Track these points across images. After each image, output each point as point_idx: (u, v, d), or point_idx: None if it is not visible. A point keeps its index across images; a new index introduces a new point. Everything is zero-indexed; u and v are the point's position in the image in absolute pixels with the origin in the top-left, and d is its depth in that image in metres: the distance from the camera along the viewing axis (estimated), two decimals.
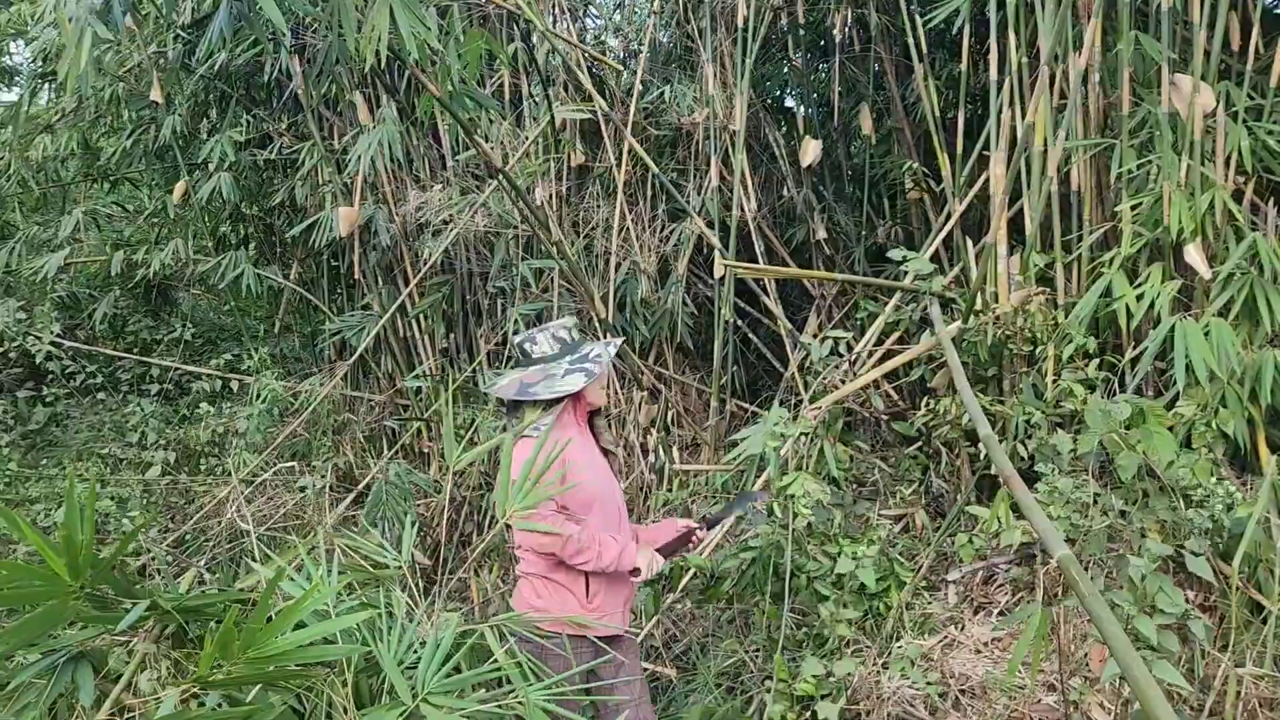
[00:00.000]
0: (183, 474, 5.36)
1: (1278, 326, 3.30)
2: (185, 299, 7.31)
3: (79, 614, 1.84)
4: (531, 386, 2.86)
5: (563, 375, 2.87)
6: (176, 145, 5.60)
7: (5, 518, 1.66)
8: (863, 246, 5.73)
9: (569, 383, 2.85)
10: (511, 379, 2.94)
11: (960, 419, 3.82)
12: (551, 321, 3.04)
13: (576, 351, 2.94)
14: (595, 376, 2.88)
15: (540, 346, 2.93)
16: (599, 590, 2.88)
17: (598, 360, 2.90)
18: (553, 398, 2.84)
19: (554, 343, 2.93)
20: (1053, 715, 3.03)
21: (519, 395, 2.86)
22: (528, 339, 2.96)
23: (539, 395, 2.84)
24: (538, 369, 2.91)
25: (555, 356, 2.92)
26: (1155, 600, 2.62)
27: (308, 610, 1.92)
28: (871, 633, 3.50)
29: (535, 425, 2.84)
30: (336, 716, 2.19)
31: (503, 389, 2.92)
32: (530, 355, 2.95)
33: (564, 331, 2.96)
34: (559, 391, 2.83)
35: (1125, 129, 3.73)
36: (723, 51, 5.44)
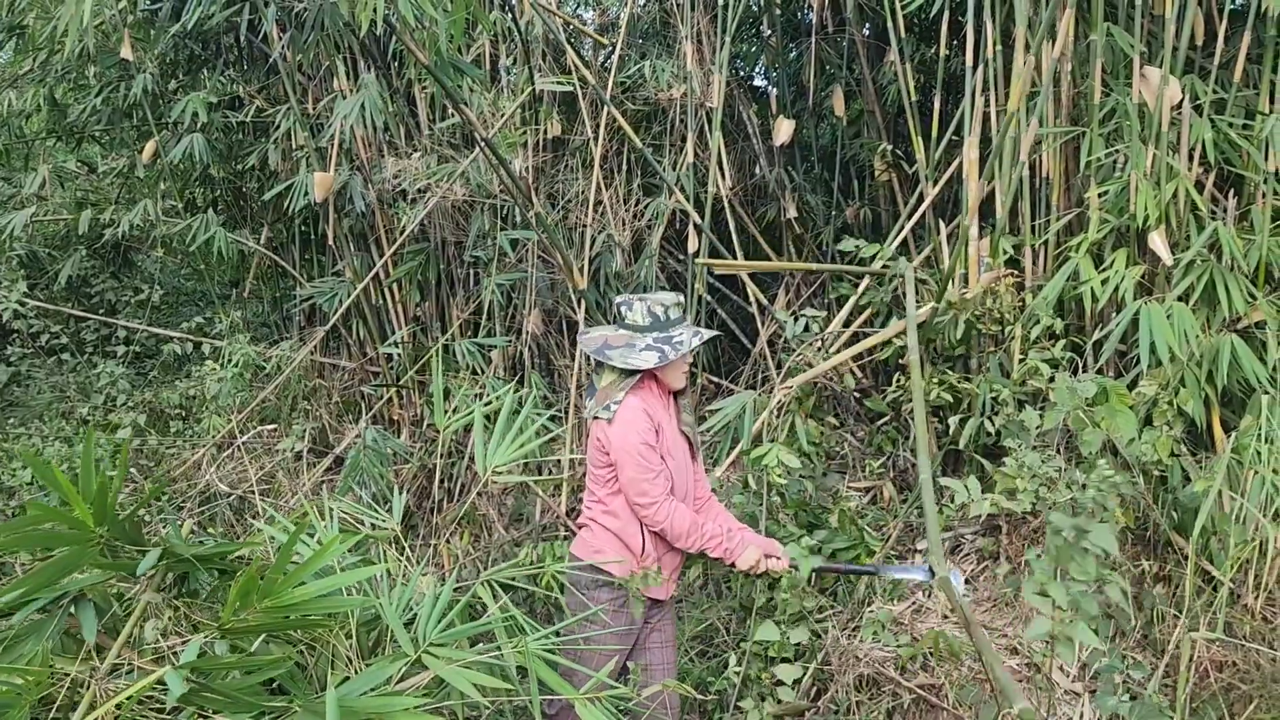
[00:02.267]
0: (152, 436, 5.33)
1: (1235, 311, 3.46)
2: (149, 261, 7.22)
3: (95, 561, 1.88)
4: (611, 350, 2.92)
5: (641, 349, 2.91)
6: (146, 104, 5.53)
7: (36, 467, 1.69)
8: (832, 227, 5.84)
9: (643, 358, 2.89)
10: (599, 334, 3.00)
11: (929, 395, 3.94)
12: (655, 293, 3.06)
13: (665, 330, 2.97)
14: (669, 360, 2.91)
15: (634, 314, 2.97)
16: (652, 552, 2.97)
17: (679, 345, 2.93)
18: (626, 368, 2.90)
19: (648, 315, 2.96)
20: (1016, 677, 3.17)
21: (596, 354, 2.94)
22: (625, 303, 2.99)
23: (612, 360, 2.91)
24: (624, 334, 2.96)
25: (644, 328, 2.96)
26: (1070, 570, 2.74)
27: (320, 565, 1.98)
28: (843, 599, 3.62)
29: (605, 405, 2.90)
30: (339, 667, 2.25)
31: (588, 341, 2.98)
32: (623, 318, 2.99)
33: (660, 307, 2.97)
34: (631, 364, 2.89)
35: (1095, 118, 3.86)
36: (700, 29, 5.49)
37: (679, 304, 3.01)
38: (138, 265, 7.27)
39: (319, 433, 5.48)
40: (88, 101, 5.79)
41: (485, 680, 2.13)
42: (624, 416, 2.87)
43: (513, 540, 4.74)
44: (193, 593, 2.25)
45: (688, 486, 3.06)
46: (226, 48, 5.75)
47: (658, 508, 2.84)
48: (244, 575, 1.85)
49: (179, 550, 1.97)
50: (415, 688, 2.16)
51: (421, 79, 5.23)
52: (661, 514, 2.85)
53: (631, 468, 2.84)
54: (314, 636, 2.21)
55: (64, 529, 1.81)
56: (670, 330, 2.97)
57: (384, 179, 5.18)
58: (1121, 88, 3.91)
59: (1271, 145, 3.57)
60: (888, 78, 5.40)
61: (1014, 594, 3.38)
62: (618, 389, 2.91)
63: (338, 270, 5.67)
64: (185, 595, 2.24)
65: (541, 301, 5.41)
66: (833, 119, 5.82)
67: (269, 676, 2.05)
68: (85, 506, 1.85)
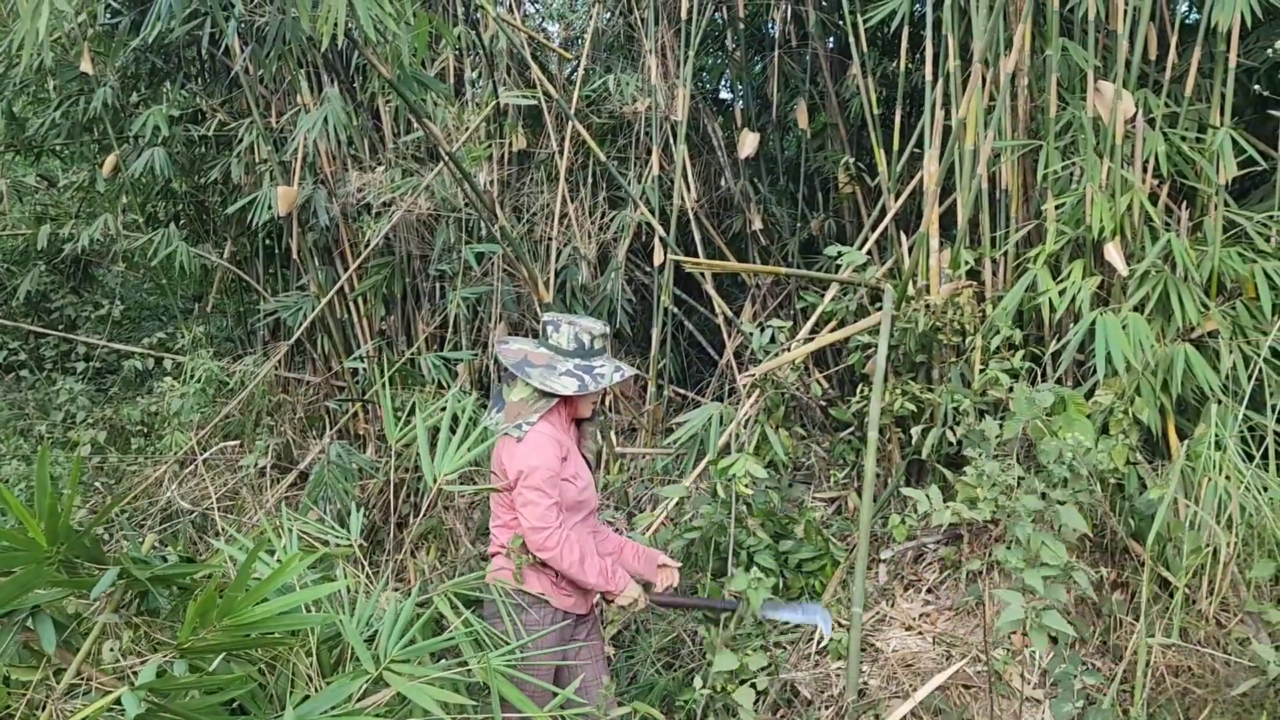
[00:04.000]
0: (112, 453, 5.27)
1: (1189, 321, 3.52)
2: (110, 276, 7.14)
3: (52, 579, 1.86)
4: (531, 368, 2.90)
5: (560, 373, 2.90)
6: (106, 118, 5.48)
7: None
8: (797, 238, 5.88)
9: (562, 383, 2.88)
10: (520, 348, 2.97)
11: (893, 405, 3.97)
12: (582, 318, 3.05)
13: (587, 358, 2.96)
14: (588, 391, 2.90)
15: (560, 336, 2.96)
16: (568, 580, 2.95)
17: (599, 378, 2.92)
18: (543, 389, 2.88)
19: (574, 340, 2.95)
20: (976, 684, 3.20)
21: (515, 368, 2.91)
22: (553, 323, 2.98)
23: (530, 379, 2.88)
24: (545, 354, 2.95)
25: (567, 353, 2.95)
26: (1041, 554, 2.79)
27: (279, 583, 1.97)
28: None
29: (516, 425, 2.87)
30: (300, 685, 2.24)
31: (507, 353, 2.96)
32: (547, 338, 2.98)
33: (587, 335, 2.97)
34: (549, 387, 2.87)
35: (1051, 131, 3.92)
36: (664, 42, 5.53)
37: (605, 335, 3.02)
38: (98, 280, 7.19)
39: (283, 448, 5.44)
40: (47, 115, 5.73)
41: (448, 697, 2.12)
42: (535, 440, 2.84)
43: (479, 554, 4.73)
44: (153, 611, 2.23)
45: (594, 503, 3.08)
46: (188, 61, 5.72)
47: (549, 534, 2.80)
48: (203, 594, 1.84)
49: (137, 571, 1.95)
50: (376, 705, 2.15)
51: (385, 93, 5.22)
52: (553, 541, 2.81)
53: (531, 492, 2.81)
54: (274, 655, 2.19)
55: (15, 548, 1.79)
56: (592, 359, 2.96)
57: (348, 193, 5.16)
58: (1077, 101, 3.97)
59: (1222, 158, 3.64)
60: (851, 91, 5.46)
61: (976, 601, 3.41)
62: (531, 409, 2.88)
63: (302, 284, 5.64)
64: (145, 613, 2.22)
65: (507, 315, 5.40)
66: (797, 132, 5.87)
67: (229, 697, 2.03)
68: (38, 526, 1.83)
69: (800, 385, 4.48)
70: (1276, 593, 3.11)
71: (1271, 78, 4.01)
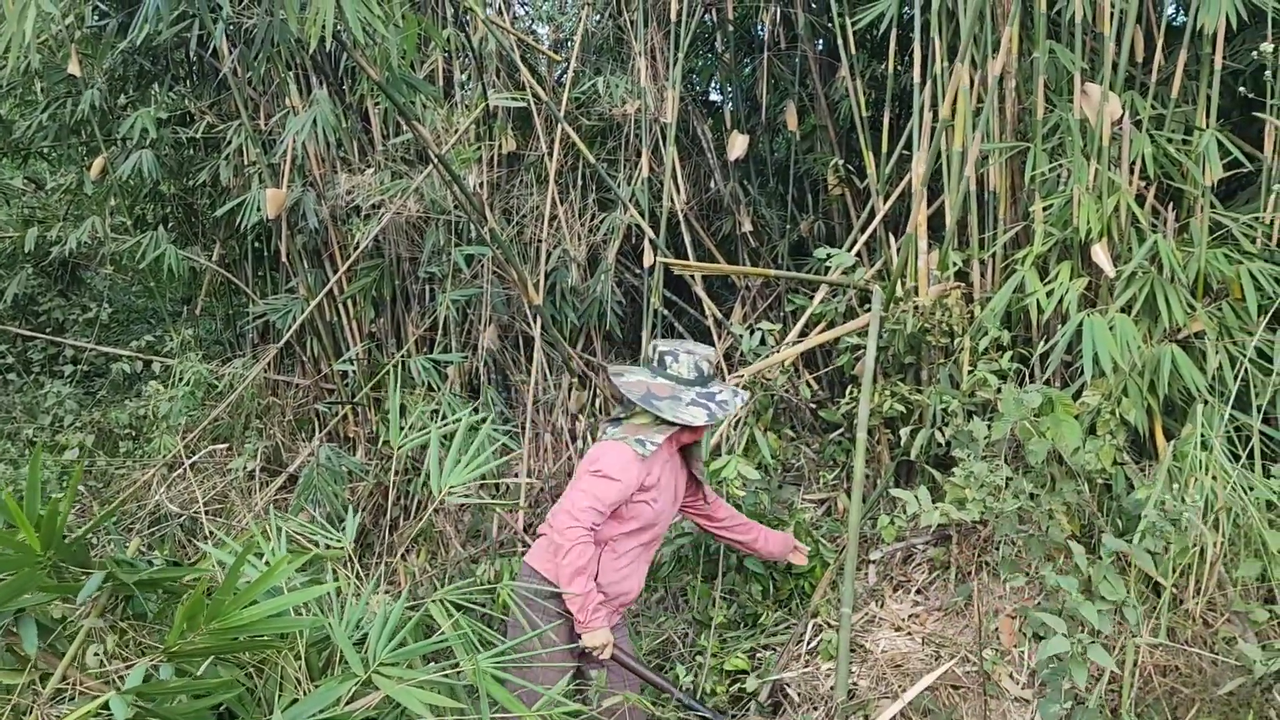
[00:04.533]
0: (100, 457, 5.25)
1: (1175, 322, 3.54)
2: (98, 279, 7.12)
3: (42, 584, 1.85)
4: (657, 400, 2.95)
5: (687, 403, 2.96)
6: (94, 120, 5.47)
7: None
8: (787, 240, 5.89)
9: (691, 414, 2.94)
10: (639, 380, 3.01)
11: (881, 407, 3.98)
12: (697, 345, 3.11)
13: (706, 386, 3.03)
14: (716, 420, 2.97)
15: (680, 365, 3.02)
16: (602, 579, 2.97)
17: (724, 405, 3.00)
18: (674, 421, 2.94)
19: (694, 369, 3.02)
20: (965, 685, 3.21)
21: (643, 402, 2.95)
22: (671, 353, 3.03)
23: (662, 412, 2.93)
24: (668, 384, 3.00)
25: (688, 382, 3.01)
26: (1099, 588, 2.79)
27: (268, 586, 1.96)
28: (797, 611, 3.65)
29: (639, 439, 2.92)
30: (288, 688, 2.23)
31: (629, 387, 2.99)
32: (665, 368, 3.03)
33: (705, 363, 3.04)
34: (680, 419, 2.92)
35: (1039, 133, 3.93)
36: (654, 45, 5.53)
37: (717, 361, 3.12)
38: (86, 283, 7.16)
39: (272, 451, 5.43)
40: (34, 117, 5.71)
41: (437, 700, 2.12)
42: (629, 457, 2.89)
43: (470, 557, 4.72)
44: (140, 615, 2.22)
45: (664, 529, 3.13)
46: (177, 63, 5.70)
47: (576, 530, 2.81)
48: (191, 597, 1.84)
49: (123, 575, 1.95)
50: (365, 708, 2.14)
51: (374, 95, 5.22)
52: (573, 536, 2.81)
53: (593, 484, 2.85)
54: (262, 658, 2.19)
55: (9, 552, 1.79)
56: (710, 386, 3.04)
57: (337, 195, 5.15)
58: (1064, 103, 3.99)
59: (1208, 159, 3.66)
60: (840, 93, 5.48)
61: (964, 603, 3.42)
62: (655, 430, 2.95)
63: (291, 287, 5.63)
64: (131, 617, 2.21)
65: (497, 317, 5.40)
66: (787, 134, 5.88)
67: (217, 701, 2.03)
68: (32, 530, 1.83)
69: (790, 387, 4.48)
70: (1263, 592, 3.12)
71: (1257, 80, 4.03)
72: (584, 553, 2.83)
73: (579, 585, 2.83)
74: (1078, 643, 2.61)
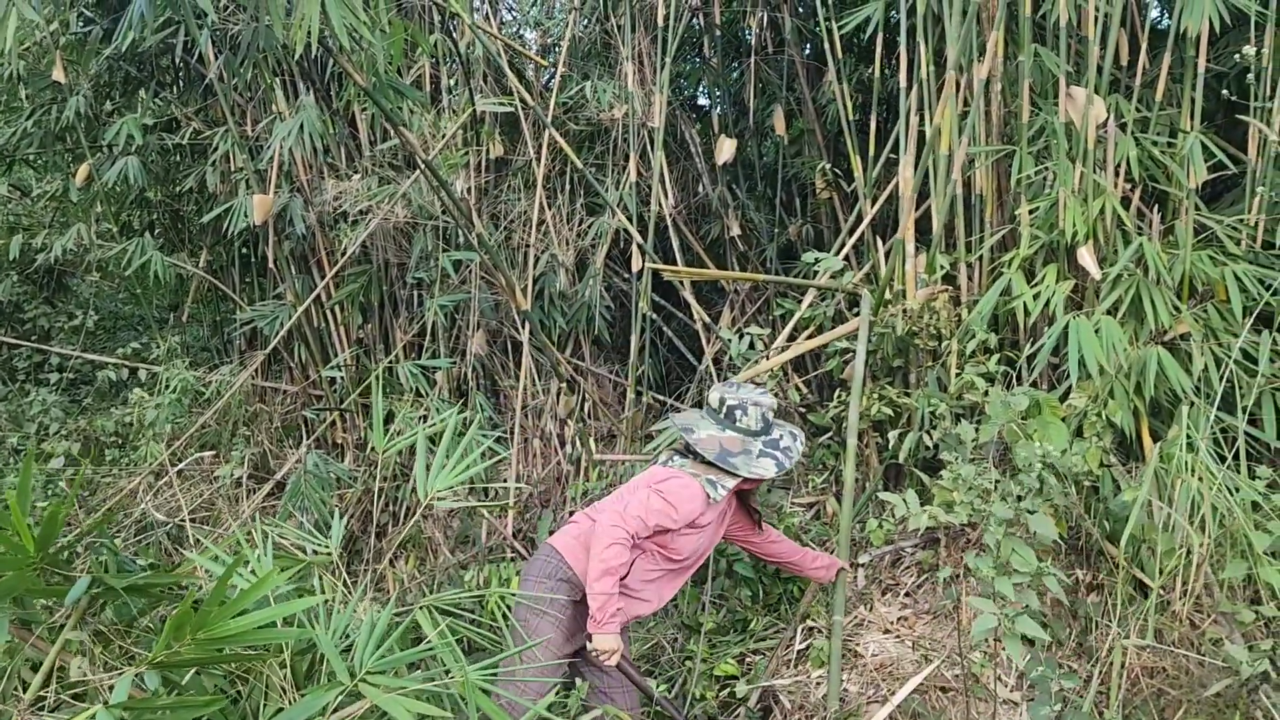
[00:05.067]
0: (86, 465, 5.21)
1: (1161, 324, 3.55)
2: (83, 286, 7.08)
3: (31, 585, 1.84)
4: (731, 457, 3.00)
5: (757, 455, 3.03)
6: (80, 127, 5.44)
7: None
8: (775, 244, 5.90)
9: (763, 466, 3.02)
10: (710, 435, 3.04)
11: (870, 410, 3.99)
12: (759, 394, 3.15)
13: (769, 433, 3.10)
14: (784, 470, 3.05)
15: (749, 418, 3.07)
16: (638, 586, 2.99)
17: (788, 453, 3.08)
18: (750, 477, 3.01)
19: (760, 420, 3.09)
20: (953, 687, 3.21)
21: (719, 461, 2.99)
22: (740, 406, 3.07)
23: (738, 470, 2.98)
24: (738, 439, 3.05)
25: (755, 433, 3.07)
26: (1010, 560, 2.81)
27: (254, 598, 1.95)
28: (786, 616, 3.64)
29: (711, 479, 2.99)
30: (273, 697, 2.22)
31: (703, 445, 3.01)
32: (735, 422, 3.07)
33: (771, 412, 3.12)
34: (756, 474, 3.00)
35: (1024, 136, 3.95)
36: (641, 49, 5.53)
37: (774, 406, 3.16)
38: (72, 290, 7.12)
39: (260, 458, 5.41)
40: (19, 124, 5.68)
41: (424, 708, 2.11)
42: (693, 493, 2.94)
43: (459, 563, 4.71)
44: (125, 623, 2.21)
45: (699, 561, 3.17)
46: (162, 69, 5.68)
47: (618, 531, 2.82)
48: (179, 608, 1.82)
49: (109, 580, 1.94)
50: (351, 717, 2.13)
51: (361, 100, 5.20)
52: (613, 536, 2.82)
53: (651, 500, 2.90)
54: (246, 668, 2.18)
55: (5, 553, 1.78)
56: (772, 432, 3.11)
57: (324, 201, 5.14)
58: (1049, 107, 4.00)
59: (1192, 162, 3.68)
60: (827, 97, 5.49)
61: (953, 605, 3.42)
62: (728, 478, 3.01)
63: (279, 293, 5.61)
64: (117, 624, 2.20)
65: (485, 322, 5.39)
66: (775, 138, 5.89)
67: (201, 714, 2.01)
68: (29, 533, 1.82)
69: (779, 391, 4.48)
70: (1249, 593, 3.13)
71: (1240, 82, 4.05)
72: (619, 555, 2.83)
73: (605, 585, 2.82)
74: (1005, 617, 2.64)
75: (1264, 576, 2.95)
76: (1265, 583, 2.96)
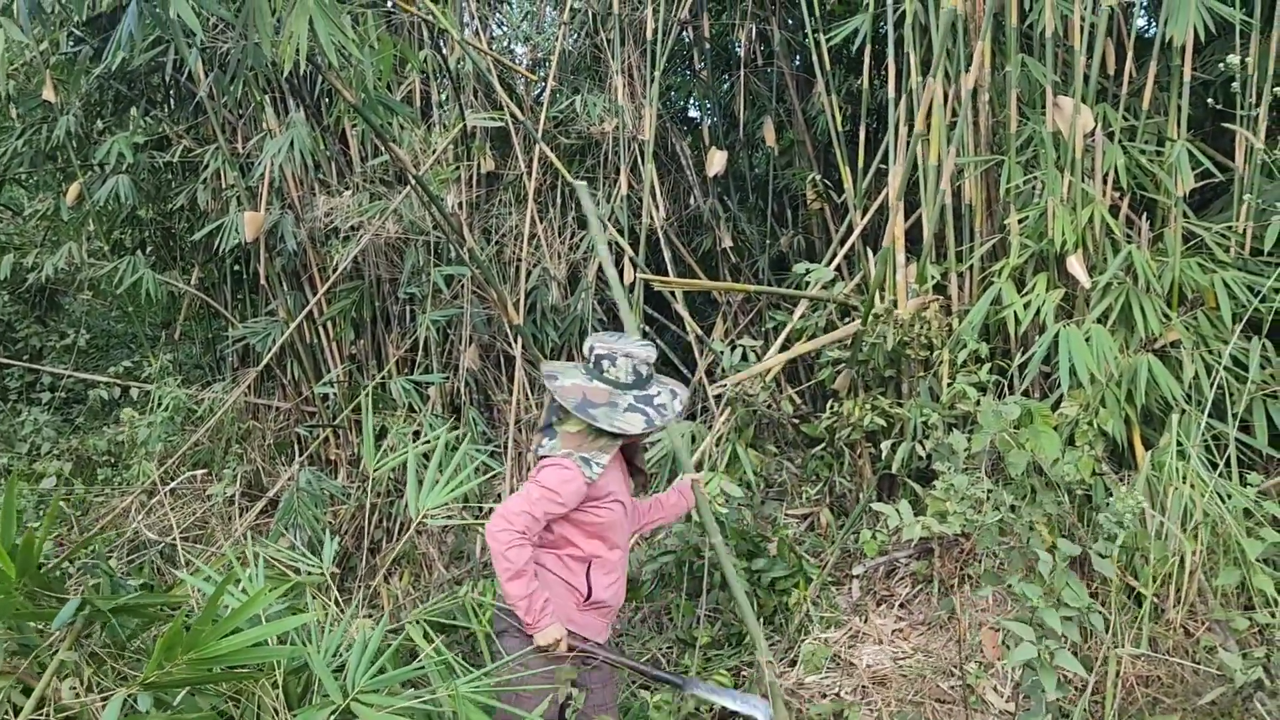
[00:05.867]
0: (78, 485, 5.20)
1: (1151, 332, 3.56)
2: (75, 304, 7.07)
3: (18, 608, 1.83)
4: (593, 408, 2.76)
5: (623, 409, 2.77)
6: (70, 146, 5.44)
7: None
8: (767, 255, 5.91)
9: (629, 421, 2.75)
10: (575, 384, 2.82)
11: (862, 420, 3.99)
12: (636, 345, 2.88)
13: (644, 389, 2.84)
14: (654, 427, 2.79)
15: (618, 369, 2.82)
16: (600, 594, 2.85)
17: (662, 410, 2.81)
18: (610, 430, 2.75)
19: (632, 372, 2.82)
20: (949, 699, 3.20)
21: (578, 411, 2.75)
22: (609, 356, 2.83)
23: (598, 422, 2.74)
24: (604, 389, 2.81)
25: (625, 386, 2.82)
26: (1062, 595, 2.79)
27: (246, 617, 1.95)
28: (781, 627, 3.64)
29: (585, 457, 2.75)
30: (266, 717, 2.21)
31: (564, 393, 2.79)
32: (603, 372, 2.83)
33: (644, 366, 2.84)
34: (617, 427, 2.74)
35: (1012, 146, 3.96)
36: (631, 63, 5.55)
37: (653, 359, 2.89)
38: (64, 309, 7.11)
39: (253, 476, 5.39)
40: (9, 143, 5.68)
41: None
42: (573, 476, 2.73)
43: (453, 579, 4.69)
44: (118, 643, 2.20)
45: (627, 532, 2.98)
46: (153, 88, 5.69)
47: (507, 534, 2.65)
48: (170, 628, 1.82)
49: (100, 602, 1.93)
50: None
51: (351, 116, 5.21)
52: (504, 540, 2.65)
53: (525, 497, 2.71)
54: (238, 688, 2.17)
55: None
56: (648, 388, 2.84)
57: (315, 217, 5.14)
58: (1037, 116, 4.02)
59: (1180, 170, 3.70)
60: (817, 108, 5.51)
61: (948, 616, 3.42)
62: (596, 446, 2.76)
63: (271, 310, 5.60)
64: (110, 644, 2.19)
65: (478, 337, 5.39)
66: (765, 149, 5.91)
67: None
68: (7, 558, 1.81)
69: (772, 402, 4.49)
70: (1242, 600, 3.13)
71: (1227, 91, 4.08)
72: (520, 555, 2.66)
73: (518, 588, 2.67)
74: (1045, 649, 2.61)
75: (1257, 583, 2.95)
76: (1258, 589, 2.96)
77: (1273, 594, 2.95)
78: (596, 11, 5.72)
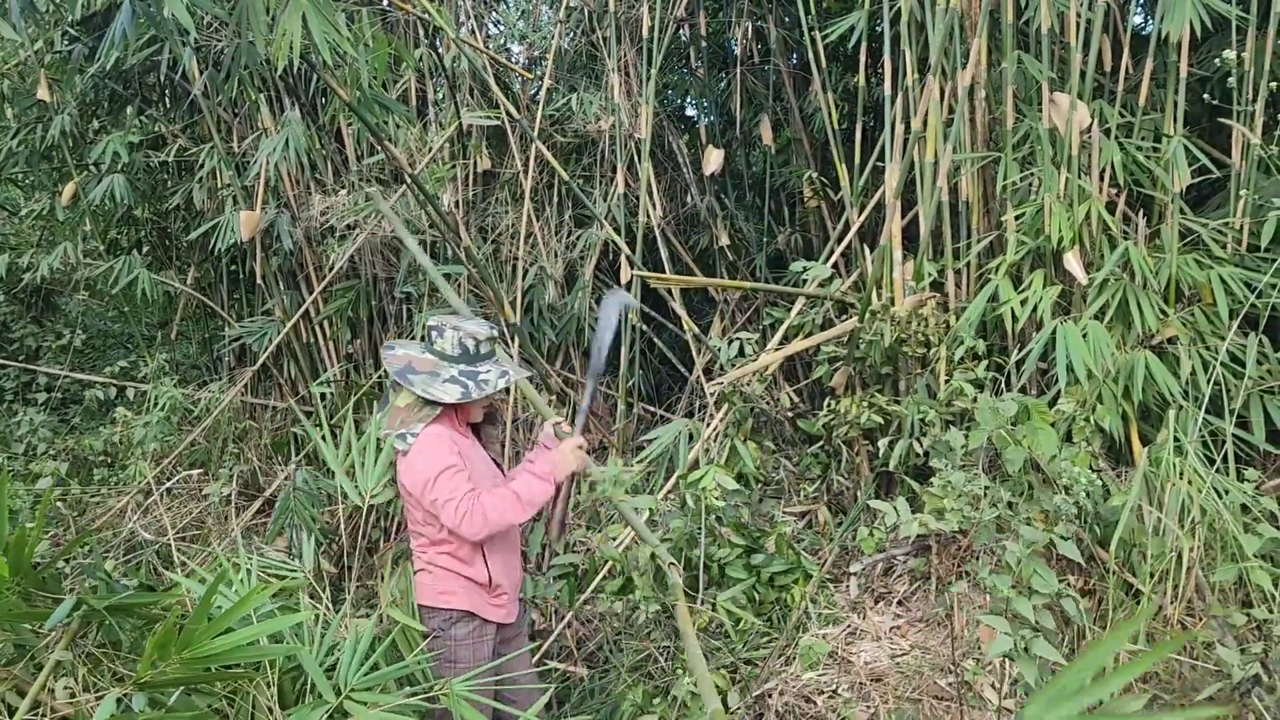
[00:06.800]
0: (74, 485, 5.18)
1: (1148, 328, 3.55)
2: (71, 304, 7.06)
3: (12, 609, 1.83)
4: (414, 375, 2.80)
5: (444, 379, 2.80)
6: (65, 146, 5.43)
7: None
8: (764, 253, 5.90)
9: (445, 390, 2.78)
10: (404, 354, 2.87)
11: (860, 418, 3.98)
12: (468, 321, 2.92)
13: (473, 364, 2.86)
14: (471, 398, 2.80)
15: (444, 341, 2.86)
16: (501, 581, 2.92)
17: (484, 384, 2.83)
18: (424, 397, 2.79)
19: (458, 345, 2.85)
20: (947, 696, 3.19)
21: (399, 376, 2.81)
22: (437, 328, 2.87)
23: (413, 387, 2.78)
24: (430, 360, 2.85)
25: (451, 359, 2.86)
26: (1031, 582, 2.80)
27: (238, 617, 1.94)
28: (778, 624, 3.63)
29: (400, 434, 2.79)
30: (260, 717, 2.20)
31: (392, 359, 2.86)
32: (431, 343, 2.88)
33: (471, 340, 2.86)
34: (432, 395, 2.77)
35: (1009, 143, 3.96)
36: (627, 61, 5.55)
37: (492, 338, 2.91)
38: (60, 309, 7.10)
39: (249, 475, 5.38)
40: (4, 143, 5.66)
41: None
42: (423, 447, 2.75)
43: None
44: (114, 643, 2.19)
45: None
46: (148, 87, 5.67)
47: (470, 516, 2.68)
48: (162, 627, 1.81)
49: (95, 601, 1.92)
50: None
51: (346, 115, 5.20)
52: (477, 518, 2.69)
53: (440, 491, 2.71)
54: (233, 687, 2.16)
55: None
56: (478, 365, 2.87)
57: (311, 216, 5.13)
58: (1034, 113, 4.01)
59: (1176, 166, 3.69)
60: (813, 106, 5.50)
61: (945, 613, 3.41)
62: (415, 416, 2.80)
63: (267, 309, 5.59)
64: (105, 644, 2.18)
65: None
66: (762, 147, 5.91)
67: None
68: (1, 558, 1.81)
69: (769, 398, 4.48)
70: (1240, 596, 3.13)
71: (1223, 87, 4.07)
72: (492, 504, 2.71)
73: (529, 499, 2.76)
74: (1021, 639, 2.62)
75: (1254, 579, 2.95)
76: (1256, 585, 2.96)
77: (1270, 589, 2.94)
78: (593, 9, 5.71)
